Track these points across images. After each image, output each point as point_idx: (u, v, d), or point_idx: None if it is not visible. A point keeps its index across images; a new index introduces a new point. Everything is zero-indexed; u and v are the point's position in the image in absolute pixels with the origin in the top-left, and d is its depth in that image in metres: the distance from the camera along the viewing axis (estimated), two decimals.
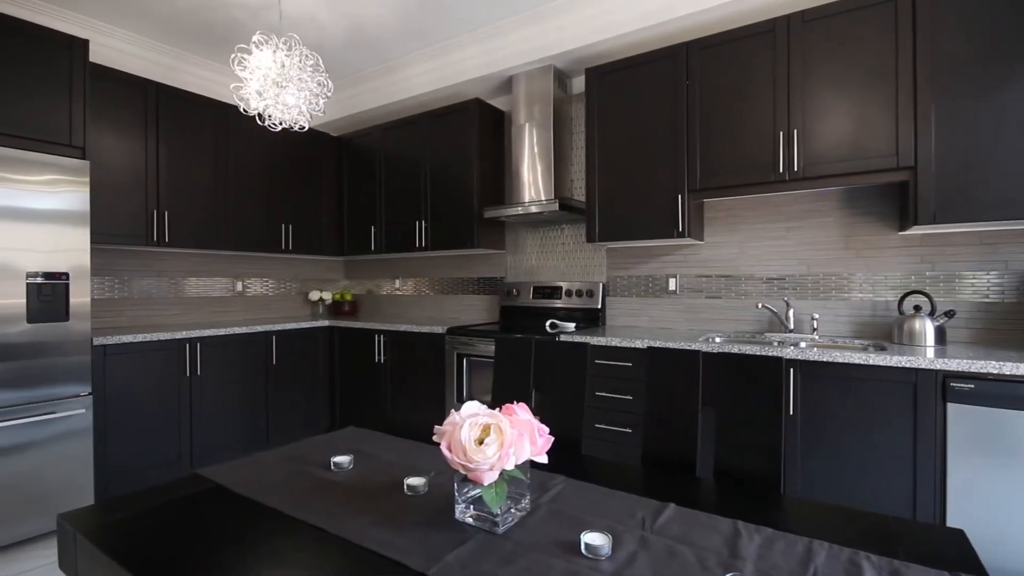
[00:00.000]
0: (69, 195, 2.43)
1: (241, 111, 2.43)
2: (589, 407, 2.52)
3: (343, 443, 1.40)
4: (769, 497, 1.10)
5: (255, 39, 2.30)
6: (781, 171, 2.33)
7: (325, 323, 3.81)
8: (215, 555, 0.85)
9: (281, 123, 2.49)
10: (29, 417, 2.30)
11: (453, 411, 0.93)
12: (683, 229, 2.60)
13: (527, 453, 0.90)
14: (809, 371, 2.05)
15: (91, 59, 3.05)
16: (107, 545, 0.89)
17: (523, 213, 3.12)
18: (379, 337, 3.51)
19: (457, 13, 3.05)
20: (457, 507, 0.95)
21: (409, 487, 1.07)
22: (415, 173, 3.71)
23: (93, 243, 2.82)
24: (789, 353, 2.08)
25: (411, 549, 0.84)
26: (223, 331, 3.16)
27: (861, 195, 2.47)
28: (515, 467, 0.89)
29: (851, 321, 2.51)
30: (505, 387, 1.67)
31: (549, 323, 3.01)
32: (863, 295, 2.48)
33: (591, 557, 0.81)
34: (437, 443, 0.92)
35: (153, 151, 3.08)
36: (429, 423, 1.94)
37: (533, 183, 3.23)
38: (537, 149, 3.21)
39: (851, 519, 0.98)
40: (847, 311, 2.52)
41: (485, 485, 0.86)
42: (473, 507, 0.94)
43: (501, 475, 0.87)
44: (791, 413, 2.08)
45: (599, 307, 3.18)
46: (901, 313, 2.27)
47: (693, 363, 1.33)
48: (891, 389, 1.91)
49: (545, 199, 3.16)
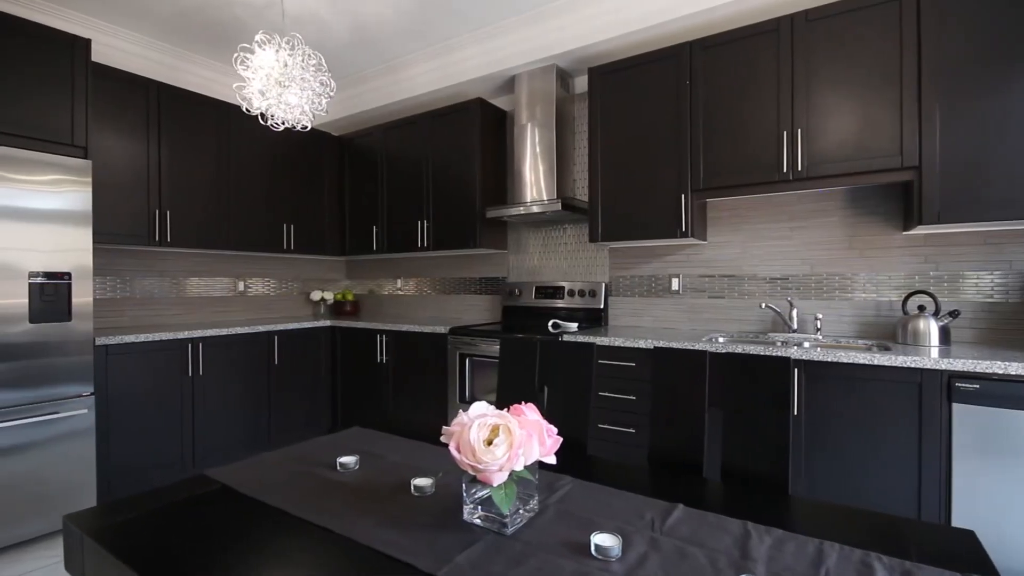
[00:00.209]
0: (71, 195, 2.42)
1: (244, 111, 2.42)
2: (592, 407, 2.51)
3: (348, 443, 1.40)
4: (777, 498, 1.09)
5: (258, 38, 2.29)
6: (785, 171, 2.32)
7: (327, 323, 3.80)
8: (223, 556, 0.84)
9: (284, 123, 2.48)
10: (31, 417, 2.30)
11: (461, 411, 0.93)
12: (686, 229, 2.60)
13: (536, 454, 0.89)
14: (813, 371, 2.04)
15: (93, 59, 3.05)
16: (114, 546, 0.88)
17: (525, 213, 3.11)
18: (381, 337, 3.50)
19: (459, 12, 3.05)
20: (465, 508, 0.94)
21: (416, 488, 1.07)
22: (417, 173, 3.70)
23: (95, 243, 2.83)
24: (793, 353, 2.07)
25: (420, 550, 0.84)
26: (225, 331, 3.15)
27: (864, 195, 2.47)
28: (524, 468, 0.88)
29: (855, 321, 2.50)
30: (510, 387, 1.66)
31: (551, 323, 3.01)
32: (867, 295, 2.48)
33: (601, 558, 0.81)
34: (443, 444, 0.91)
35: (155, 151, 3.08)
36: (431, 423, 1.94)
37: (535, 183, 3.22)
38: (539, 149, 3.21)
39: (860, 520, 0.97)
40: (851, 311, 2.51)
41: (494, 486, 0.86)
42: (481, 508, 0.93)
43: (510, 476, 0.87)
44: (795, 413, 2.07)
45: (601, 307, 3.18)
46: (905, 313, 2.27)
47: (699, 363, 1.32)
48: (896, 389, 1.91)
49: (547, 199, 3.15)
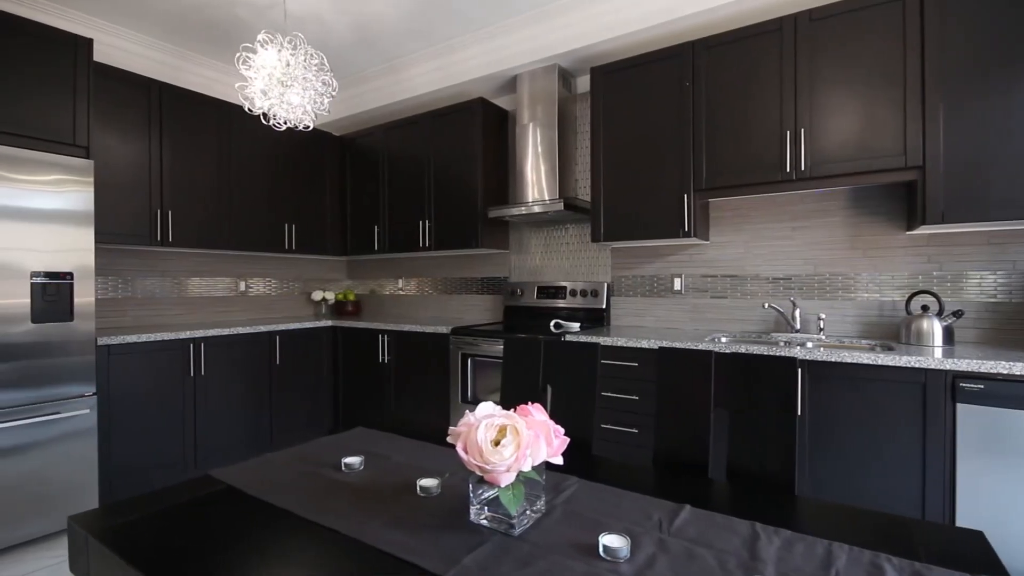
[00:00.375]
0: (73, 195, 2.42)
1: (246, 110, 2.42)
2: (596, 407, 2.51)
3: (352, 444, 1.39)
4: (784, 498, 1.09)
5: (260, 38, 2.29)
6: (788, 171, 2.32)
7: (328, 323, 3.80)
8: (229, 557, 0.84)
9: (286, 122, 2.48)
10: (34, 417, 2.30)
11: (468, 412, 0.93)
12: (689, 229, 2.60)
13: (543, 454, 0.89)
14: (817, 371, 2.04)
15: (95, 58, 3.04)
16: (119, 547, 0.88)
17: (527, 213, 3.11)
18: (383, 337, 3.50)
19: (461, 12, 3.04)
20: (472, 508, 0.94)
21: (422, 488, 1.06)
22: (418, 173, 3.70)
23: (97, 243, 2.82)
24: (796, 353, 2.07)
25: (427, 551, 0.83)
26: (227, 331, 3.15)
27: (867, 195, 2.47)
28: (531, 468, 0.88)
29: (858, 321, 2.50)
30: (514, 387, 1.66)
31: (553, 323, 3.00)
32: (869, 295, 2.47)
33: (610, 560, 0.80)
34: (447, 444, 0.91)
35: (157, 151, 3.07)
36: (433, 423, 1.94)
37: (537, 183, 3.22)
38: (541, 148, 3.21)
39: (867, 520, 0.97)
40: (854, 311, 2.51)
41: (502, 487, 0.85)
42: (488, 509, 0.93)
43: (517, 476, 0.87)
44: (799, 413, 2.07)
45: (604, 307, 3.17)
46: (909, 313, 2.27)
47: (705, 363, 1.32)
48: (900, 389, 1.91)
49: (549, 199, 3.15)
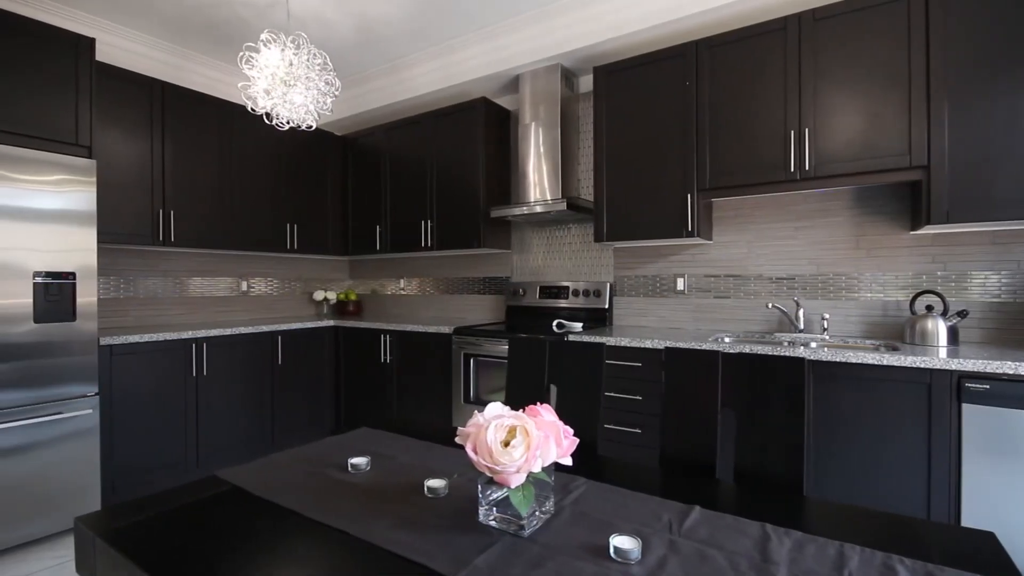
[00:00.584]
0: (76, 195, 2.41)
1: (249, 110, 2.42)
2: (602, 407, 2.51)
3: (358, 444, 1.39)
4: (792, 499, 1.09)
5: (263, 37, 2.29)
6: (792, 170, 2.32)
7: (330, 323, 3.79)
8: (237, 557, 0.83)
9: (289, 122, 2.47)
10: (36, 417, 2.29)
11: (477, 412, 0.92)
12: (692, 229, 2.59)
13: (553, 455, 0.88)
14: (821, 371, 2.04)
15: (97, 58, 3.03)
16: (127, 548, 0.87)
17: (529, 213, 3.11)
18: (385, 337, 3.50)
19: (463, 12, 3.04)
20: (481, 509, 0.93)
21: (429, 489, 1.06)
22: (420, 173, 3.69)
23: (99, 243, 2.81)
24: (800, 353, 2.06)
25: (437, 552, 0.83)
26: (229, 331, 3.14)
27: (871, 194, 2.46)
28: (541, 469, 0.87)
29: (862, 321, 2.49)
30: (518, 387, 1.65)
31: (556, 323, 3.00)
32: (873, 295, 2.47)
33: (621, 561, 0.80)
34: (454, 444, 0.91)
35: (159, 150, 3.07)
36: (436, 424, 1.93)
37: (539, 182, 3.22)
38: (544, 148, 3.20)
39: (877, 521, 0.97)
40: (857, 311, 2.50)
41: (512, 488, 0.85)
42: (497, 510, 0.93)
43: (528, 477, 0.86)
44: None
45: (606, 307, 3.17)
46: (913, 313, 2.26)
47: (712, 364, 1.32)
48: (905, 389, 1.90)
49: (552, 199, 3.14)
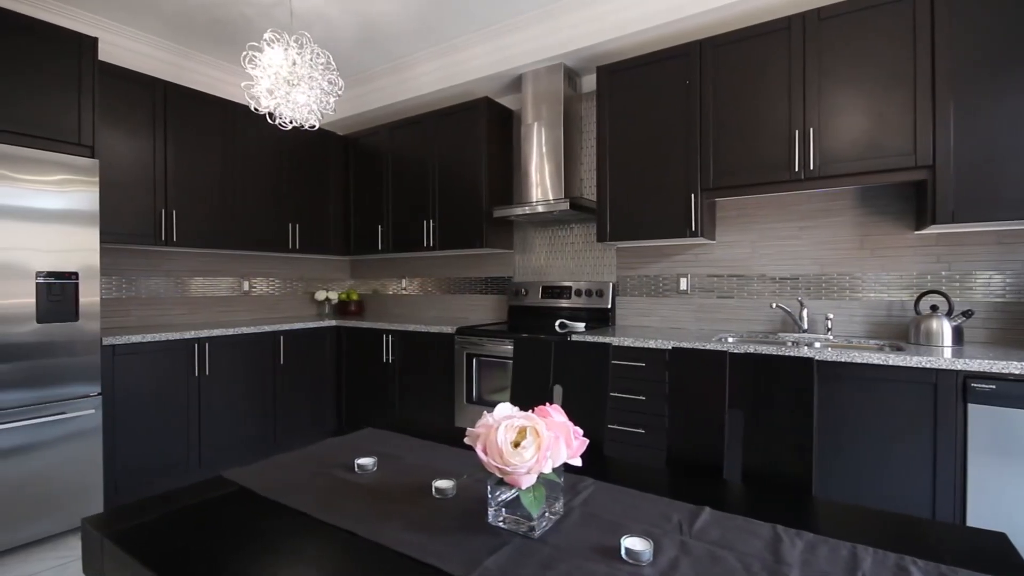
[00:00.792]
0: (79, 194, 2.41)
1: (252, 109, 2.41)
2: (607, 407, 2.51)
3: (363, 444, 1.38)
4: (802, 500, 1.08)
5: (267, 36, 2.28)
6: (796, 170, 2.31)
7: (332, 323, 3.79)
8: (246, 559, 0.83)
9: (292, 121, 2.47)
10: (39, 418, 2.29)
11: (486, 413, 0.92)
12: (696, 228, 2.59)
13: (563, 456, 0.88)
14: (826, 371, 2.03)
15: (100, 57, 3.02)
16: (135, 550, 0.87)
17: (532, 212, 3.10)
18: (387, 337, 3.49)
19: (466, 11, 3.03)
20: (490, 510, 0.93)
21: (437, 490, 1.05)
22: (422, 172, 3.69)
23: (101, 242, 2.80)
24: (805, 353, 2.06)
25: (447, 553, 0.82)
26: (231, 331, 3.14)
27: (875, 194, 2.46)
28: (551, 470, 0.87)
29: (866, 321, 2.49)
30: (524, 388, 1.65)
31: (558, 323, 3.00)
32: (877, 295, 2.47)
33: (632, 563, 0.79)
34: (460, 445, 0.90)
35: (161, 150, 3.06)
36: (438, 424, 1.93)
37: (542, 182, 3.21)
38: (546, 148, 3.20)
39: (887, 522, 0.96)
40: (861, 311, 2.50)
41: (523, 489, 0.85)
42: (506, 511, 0.92)
43: (538, 478, 0.86)
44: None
45: (609, 307, 3.17)
46: (918, 313, 2.26)
47: (719, 364, 1.31)
48: (910, 390, 1.90)
49: (554, 198, 3.14)
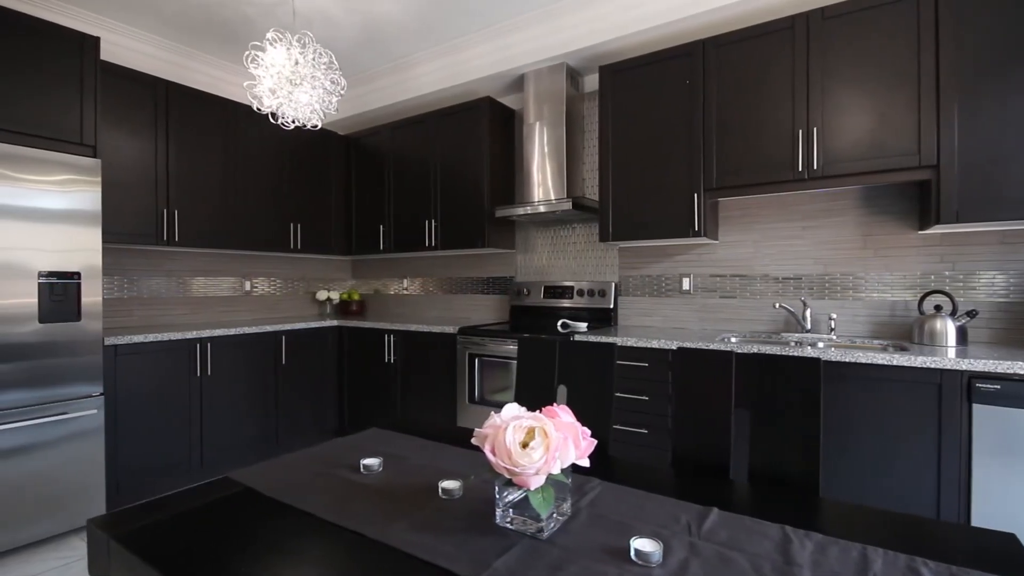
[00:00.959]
0: (81, 194, 2.41)
1: (254, 109, 2.41)
2: (612, 408, 2.51)
3: (368, 445, 1.38)
4: (810, 500, 1.08)
5: (269, 36, 2.28)
6: (800, 170, 2.31)
7: (334, 323, 3.79)
8: (252, 559, 0.83)
9: (294, 121, 2.47)
10: (41, 418, 2.28)
11: (494, 413, 0.91)
12: (699, 228, 2.58)
13: (572, 456, 0.88)
14: (829, 371, 2.02)
15: (102, 57, 3.01)
16: (141, 550, 0.87)
17: (533, 212, 3.10)
18: (389, 337, 3.49)
19: (468, 11, 3.03)
20: (498, 511, 0.93)
21: (444, 491, 1.05)
22: (424, 172, 3.69)
23: (103, 242, 2.80)
24: (808, 353, 2.06)
25: (455, 554, 0.82)
26: (233, 331, 3.13)
27: (878, 194, 2.45)
28: (560, 471, 0.87)
29: (869, 321, 2.49)
30: (528, 388, 1.65)
31: (561, 323, 2.99)
32: (881, 295, 2.46)
33: (642, 564, 0.79)
34: (466, 445, 0.90)
35: (163, 150, 3.06)
36: (440, 424, 1.93)
37: (544, 182, 3.21)
38: (548, 148, 3.19)
39: (896, 522, 0.96)
40: (865, 311, 2.50)
41: (532, 489, 0.84)
42: (514, 511, 0.92)
43: (547, 479, 0.85)
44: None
45: (611, 307, 3.16)
46: (922, 313, 2.25)
47: (725, 364, 1.31)
48: (914, 390, 1.89)
49: (556, 198, 3.14)
